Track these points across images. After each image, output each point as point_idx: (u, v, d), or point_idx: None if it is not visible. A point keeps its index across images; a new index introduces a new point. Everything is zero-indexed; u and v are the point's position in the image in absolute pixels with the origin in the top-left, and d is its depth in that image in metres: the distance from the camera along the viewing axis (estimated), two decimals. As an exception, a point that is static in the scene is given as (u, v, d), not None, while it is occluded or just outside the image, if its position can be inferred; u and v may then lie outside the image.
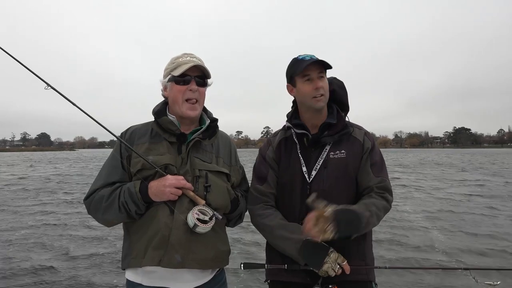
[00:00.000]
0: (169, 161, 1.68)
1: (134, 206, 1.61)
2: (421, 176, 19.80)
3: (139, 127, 1.82)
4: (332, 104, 1.92)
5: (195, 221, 1.57)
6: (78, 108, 1.72)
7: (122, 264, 1.72)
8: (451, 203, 11.10)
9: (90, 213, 1.74)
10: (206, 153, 1.79)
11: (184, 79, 1.72)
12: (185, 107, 1.74)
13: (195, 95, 1.74)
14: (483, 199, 12.08)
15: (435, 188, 14.95)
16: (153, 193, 1.61)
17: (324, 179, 1.80)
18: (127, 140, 1.75)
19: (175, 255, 1.58)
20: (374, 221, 1.69)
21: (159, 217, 1.62)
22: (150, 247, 1.60)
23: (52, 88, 1.68)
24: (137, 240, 1.65)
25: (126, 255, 1.69)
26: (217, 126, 1.88)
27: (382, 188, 1.79)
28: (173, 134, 1.74)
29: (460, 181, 17.84)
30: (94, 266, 5.52)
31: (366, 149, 1.84)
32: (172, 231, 1.60)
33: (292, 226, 1.75)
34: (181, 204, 1.63)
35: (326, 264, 1.60)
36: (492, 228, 7.89)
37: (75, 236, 7.36)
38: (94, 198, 1.69)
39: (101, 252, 6.23)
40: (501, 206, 10.62)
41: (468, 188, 15.13)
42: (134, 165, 1.68)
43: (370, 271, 1.80)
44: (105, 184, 1.70)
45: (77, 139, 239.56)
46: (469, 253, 6.09)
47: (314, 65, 1.78)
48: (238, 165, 1.95)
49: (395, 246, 6.43)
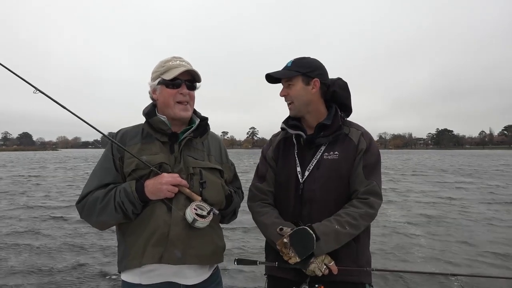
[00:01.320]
0: (163, 160, 1.71)
1: (130, 205, 1.62)
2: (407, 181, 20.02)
3: (129, 129, 1.84)
4: (333, 105, 1.95)
5: (194, 216, 1.61)
6: (69, 111, 1.72)
7: (119, 267, 1.73)
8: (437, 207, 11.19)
9: (83, 217, 1.73)
10: (198, 151, 1.83)
11: (175, 83, 1.76)
12: (178, 108, 1.77)
13: (185, 98, 1.78)
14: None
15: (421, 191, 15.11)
16: (149, 191, 1.63)
17: (315, 180, 1.83)
18: (118, 141, 1.76)
19: (175, 251, 1.61)
20: (349, 231, 1.71)
21: (157, 214, 1.64)
22: (149, 244, 1.62)
23: (41, 92, 1.68)
24: (135, 240, 1.66)
25: (123, 258, 1.69)
26: (207, 125, 1.92)
27: (367, 192, 1.79)
28: (165, 133, 1.77)
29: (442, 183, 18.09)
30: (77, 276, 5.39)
31: (360, 150, 1.86)
32: (171, 228, 1.63)
33: (285, 225, 1.78)
34: (178, 201, 1.66)
35: (312, 264, 1.65)
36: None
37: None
38: (87, 200, 1.69)
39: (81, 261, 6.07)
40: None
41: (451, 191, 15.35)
42: (128, 166, 1.70)
43: (363, 273, 1.81)
44: (99, 186, 1.70)
45: (60, 139, 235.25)
46: (456, 259, 6.11)
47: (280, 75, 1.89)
48: (229, 162, 2.00)
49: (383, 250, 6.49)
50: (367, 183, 1.81)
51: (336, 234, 1.68)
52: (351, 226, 1.71)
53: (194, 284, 1.71)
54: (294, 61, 1.90)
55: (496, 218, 9.22)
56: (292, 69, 1.87)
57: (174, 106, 1.77)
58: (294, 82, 1.87)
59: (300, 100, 1.88)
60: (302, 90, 1.87)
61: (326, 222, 1.72)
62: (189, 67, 1.77)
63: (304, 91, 1.87)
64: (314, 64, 1.90)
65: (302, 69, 1.87)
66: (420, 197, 13.12)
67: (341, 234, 1.69)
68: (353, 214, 1.73)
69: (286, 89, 1.90)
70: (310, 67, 1.88)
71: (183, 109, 1.78)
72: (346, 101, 1.97)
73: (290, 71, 1.87)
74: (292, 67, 1.88)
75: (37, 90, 1.67)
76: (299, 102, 1.88)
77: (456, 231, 7.86)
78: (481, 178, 20.27)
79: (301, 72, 1.86)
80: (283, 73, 1.89)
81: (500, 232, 7.80)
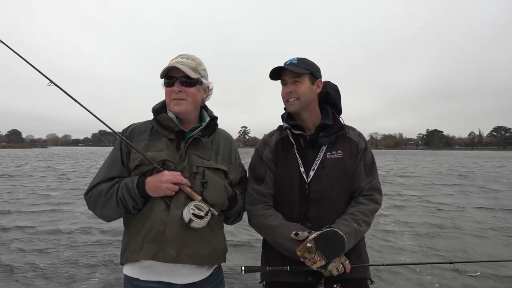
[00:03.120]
0: (167, 157, 1.72)
1: (131, 201, 1.64)
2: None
3: (140, 124, 1.87)
4: (326, 106, 2.00)
5: (190, 216, 1.60)
6: (81, 105, 1.75)
7: (121, 259, 1.76)
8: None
9: (90, 208, 1.77)
10: (205, 150, 1.82)
11: (169, 82, 1.78)
12: (172, 104, 1.79)
13: (179, 95, 1.77)
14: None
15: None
16: (150, 188, 1.65)
17: (322, 180, 1.85)
18: (127, 137, 1.80)
19: (169, 249, 1.62)
20: (365, 229, 1.78)
21: (155, 212, 1.66)
22: (146, 241, 1.64)
23: (55, 85, 1.69)
24: (135, 234, 1.68)
25: (125, 250, 1.73)
26: (216, 124, 1.93)
27: (371, 189, 1.88)
28: (172, 131, 1.79)
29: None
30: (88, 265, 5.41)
31: (360, 149, 1.93)
32: (167, 226, 1.63)
33: (295, 226, 1.78)
34: (178, 200, 1.67)
35: (331, 264, 1.63)
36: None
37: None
38: (93, 193, 1.72)
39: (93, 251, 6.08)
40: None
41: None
42: (133, 161, 1.73)
43: (365, 268, 1.88)
44: (105, 179, 1.73)
45: (49, 136, 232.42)
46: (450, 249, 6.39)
47: (285, 70, 1.87)
48: (238, 163, 1.98)
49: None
50: (369, 180, 1.89)
51: (356, 233, 1.73)
52: (365, 224, 1.77)
53: (191, 282, 1.72)
54: (299, 59, 1.89)
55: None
56: (300, 67, 1.86)
57: (170, 104, 1.80)
58: (302, 80, 1.87)
59: (305, 97, 1.88)
60: (309, 89, 1.89)
61: (344, 222, 1.74)
62: (175, 64, 1.74)
63: (310, 90, 1.89)
64: (316, 65, 1.93)
65: (310, 68, 1.88)
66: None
67: (359, 232, 1.75)
68: (365, 211, 1.79)
69: (292, 85, 1.88)
70: (314, 67, 1.91)
71: (176, 104, 1.78)
72: (338, 103, 2.02)
73: (299, 67, 1.86)
74: (299, 65, 1.87)
75: (51, 83, 1.67)
76: (305, 99, 1.88)
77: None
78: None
79: (309, 71, 1.88)
80: (295, 68, 1.85)
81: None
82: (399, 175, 22.36)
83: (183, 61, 1.77)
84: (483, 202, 11.87)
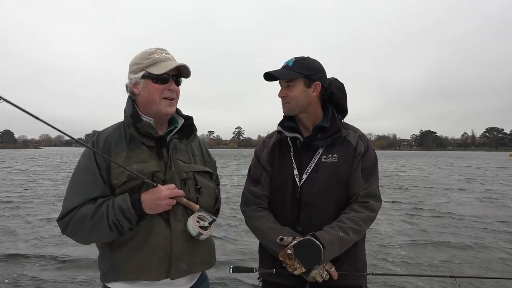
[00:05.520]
0: (156, 168, 1.60)
1: (127, 222, 1.51)
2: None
3: (111, 132, 1.68)
4: (329, 106, 1.92)
5: (198, 230, 1.57)
6: (41, 121, 1.47)
7: (104, 279, 1.61)
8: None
9: (67, 233, 1.57)
10: (183, 153, 1.74)
11: (163, 78, 1.63)
12: (163, 104, 1.65)
13: (173, 94, 1.67)
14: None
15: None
16: (147, 207, 1.53)
17: (315, 183, 1.80)
18: (102, 148, 1.61)
19: (181, 264, 1.58)
20: (352, 237, 1.70)
21: (156, 230, 1.56)
22: (154, 262, 1.54)
23: (6, 101, 1.35)
24: (130, 255, 1.55)
25: (110, 272, 1.58)
26: (193, 124, 1.79)
27: (367, 195, 1.78)
28: (151, 137, 1.64)
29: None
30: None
31: (358, 153, 1.84)
32: (173, 242, 1.57)
33: (283, 230, 1.75)
34: (176, 213, 1.59)
35: (314, 271, 1.61)
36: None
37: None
38: (73, 217, 1.52)
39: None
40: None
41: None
42: (118, 177, 1.56)
43: (360, 276, 1.82)
44: (85, 200, 1.54)
45: (43, 137, 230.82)
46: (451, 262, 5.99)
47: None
48: (212, 159, 1.93)
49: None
50: (366, 186, 1.79)
51: (340, 242, 1.67)
52: (354, 232, 1.70)
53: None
54: (296, 61, 1.83)
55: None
56: (294, 70, 1.81)
57: (159, 102, 1.64)
58: (295, 84, 1.82)
59: (298, 102, 1.83)
60: (303, 93, 1.82)
61: (330, 230, 1.70)
62: (181, 63, 1.65)
63: (304, 94, 1.83)
64: (315, 66, 1.85)
65: (304, 71, 1.81)
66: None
67: (345, 241, 1.68)
68: (355, 220, 1.72)
69: (285, 89, 1.84)
70: (312, 69, 1.83)
71: (169, 104, 1.66)
72: (343, 103, 1.95)
73: (292, 71, 1.81)
74: (294, 68, 1.82)
75: (1, 99, 1.33)
76: (297, 104, 1.84)
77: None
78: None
79: (303, 74, 1.80)
80: (284, 74, 1.81)
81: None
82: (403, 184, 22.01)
83: (175, 58, 1.70)
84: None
